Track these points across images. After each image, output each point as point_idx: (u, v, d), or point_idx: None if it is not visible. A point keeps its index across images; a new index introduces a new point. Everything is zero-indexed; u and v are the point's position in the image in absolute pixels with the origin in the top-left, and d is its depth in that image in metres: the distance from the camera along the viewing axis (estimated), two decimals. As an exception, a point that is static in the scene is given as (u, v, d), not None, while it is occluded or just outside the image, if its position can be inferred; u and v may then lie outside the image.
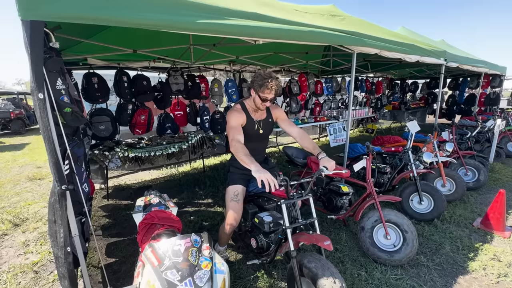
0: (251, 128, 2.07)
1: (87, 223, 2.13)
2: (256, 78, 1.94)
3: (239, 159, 1.72)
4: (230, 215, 2.03)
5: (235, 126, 1.94)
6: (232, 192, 2.07)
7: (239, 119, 1.99)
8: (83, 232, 2.02)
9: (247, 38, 2.12)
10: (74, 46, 3.26)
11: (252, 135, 2.09)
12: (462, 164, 3.75)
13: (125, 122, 3.94)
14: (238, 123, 1.97)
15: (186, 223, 2.99)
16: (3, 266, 2.37)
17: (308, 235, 1.70)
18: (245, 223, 2.26)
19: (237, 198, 2.06)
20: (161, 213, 1.83)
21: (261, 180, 1.51)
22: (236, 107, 2.08)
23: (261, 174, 1.52)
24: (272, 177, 1.53)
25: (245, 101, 2.12)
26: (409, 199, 2.97)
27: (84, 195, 1.76)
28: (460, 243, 2.51)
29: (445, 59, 4.45)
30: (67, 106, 1.53)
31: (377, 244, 2.28)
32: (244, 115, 2.04)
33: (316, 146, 2.04)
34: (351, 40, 2.82)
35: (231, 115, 2.00)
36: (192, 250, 1.21)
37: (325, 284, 1.48)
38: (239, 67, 5.24)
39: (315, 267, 1.57)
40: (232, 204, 2.04)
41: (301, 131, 2.15)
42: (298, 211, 1.85)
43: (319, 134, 7.87)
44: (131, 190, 4.09)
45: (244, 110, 2.07)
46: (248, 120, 2.05)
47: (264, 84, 1.88)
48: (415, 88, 9.16)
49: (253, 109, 2.08)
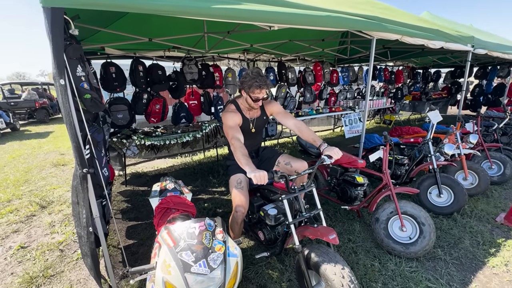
0: (245, 127, 2.09)
1: (108, 206, 2.23)
2: (245, 78, 1.94)
3: (237, 158, 1.73)
4: (237, 202, 2.02)
5: (233, 125, 1.94)
6: (235, 181, 2.08)
7: (236, 118, 2.00)
8: (104, 214, 2.12)
9: (262, 23, 2.07)
10: (92, 36, 3.33)
11: (246, 133, 2.10)
12: (487, 157, 3.56)
13: (140, 111, 4.03)
14: (235, 122, 1.98)
15: (200, 209, 3.06)
16: (32, 244, 2.54)
17: (313, 228, 1.65)
18: (252, 215, 2.27)
19: (240, 185, 2.06)
20: (176, 198, 1.88)
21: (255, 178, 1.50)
22: (230, 107, 2.08)
23: (255, 173, 1.50)
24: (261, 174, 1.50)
25: (238, 101, 2.11)
26: (427, 191, 2.87)
27: (104, 179, 1.84)
28: (481, 238, 2.42)
29: (473, 45, 4.16)
30: (87, 93, 1.58)
31: (392, 236, 2.23)
32: (239, 115, 2.04)
33: (316, 137, 1.97)
34: (371, 25, 2.68)
35: (227, 116, 1.99)
36: (206, 233, 1.24)
37: (333, 279, 1.43)
38: (253, 56, 5.17)
39: (322, 260, 1.52)
40: (237, 191, 2.03)
41: (299, 122, 2.08)
42: (301, 204, 1.80)
43: (334, 124, 7.71)
44: (147, 177, 4.22)
45: (238, 109, 2.07)
46: (244, 120, 2.07)
47: (253, 84, 1.88)
48: (437, 77, 8.70)
49: (246, 108, 2.09)
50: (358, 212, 2.83)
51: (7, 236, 2.68)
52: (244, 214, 2.03)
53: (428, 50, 5.01)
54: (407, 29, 3.04)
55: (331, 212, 2.90)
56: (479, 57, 5.69)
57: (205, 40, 3.40)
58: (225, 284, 1.17)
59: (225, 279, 1.16)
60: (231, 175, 2.15)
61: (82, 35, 3.26)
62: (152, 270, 1.18)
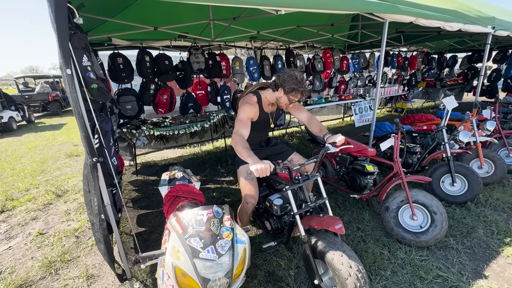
0: (263, 121, 2.07)
1: (118, 194, 2.28)
2: (290, 79, 1.85)
3: (238, 152, 1.71)
4: (247, 192, 2.02)
5: (244, 120, 1.91)
6: (244, 171, 2.06)
7: (251, 113, 1.95)
8: (115, 202, 2.17)
9: (268, 7, 2.00)
10: (99, 27, 3.33)
11: (263, 127, 2.11)
12: (505, 144, 3.41)
13: (148, 101, 4.05)
14: (248, 117, 1.93)
15: (208, 198, 3.10)
16: (49, 230, 2.65)
17: (319, 218, 1.63)
18: (258, 205, 2.28)
19: (250, 176, 2.05)
20: (185, 187, 1.90)
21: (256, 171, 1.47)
22: (251, 99, 2.01)
23: (257, 166, 1.47)
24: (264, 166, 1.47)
25: (262, 94, 2.05)
26: (440, 180, 2.79)
27: (114, 168, 1.87)
28: (496, 227, 2.35)
29: (493, 27, 3.92)
30: (94, 82, 1.58)
31: (402, 225, 2.20)
32: (257, 109, 2.00)
33: (323, 128, 2.02)
34: (383, 7, 2.55)
35: (244, 107, 1.94)
36: (214, 221, 1.24)
37: (340, 269, 1.43)
38: (260, 43, 5.07)
39: (329, 249, 1.51)
40: (246, 182, 2.03)
41: (310, 115, 2.14)
42: (306, 194, 1.78)
43: (344, 113, 7.56)
44: (157, 167, 4.29)
45: (259, 103, 2.02)
46: (261, 114, 2.03)
47: (298, 89, 1.85)
48: (453, 62, 8.30)
49: (268, 104, 2.05)
50: (368, 201, 2.79)
51: (27, 223, 2.80)
52: (254, 205, 2.03)
53: (445, 33, 4.76)
54: (422, 10, 2.89)
55: (339, 201, 2.88)
56: (500, 39, 5.38)
57: (211, 27, 3.34)
58: (233, 270, 1.18)
59: (233, 265, 1.18)
60: (239, 165, 2.12)
61: (89, 25, 3.26)
62: (162, 255, 1.21)
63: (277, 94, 1.95)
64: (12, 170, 4.46)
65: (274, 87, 1.96)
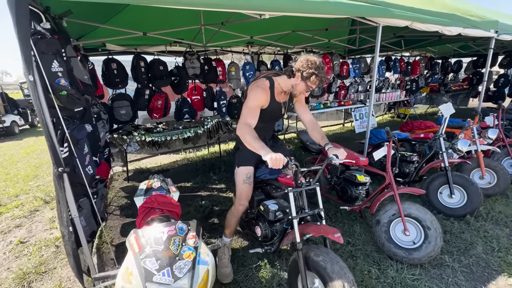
0: (272, 111, 1.90)
1: (100, 203, 2.21)
2: (309, 64, 1.68)
3: (247, 143, 1.61)
4: (242, 196, 1.95)
5: (253, 107, 1.74)
6: (244, 174, 1.95)
7: (261, 100, 1.78)
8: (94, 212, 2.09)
9: (251, 12, 1.94)
10: (92, 32, 3.32)
11: (273, 116, 1.95)
12: (509, 153, 3.24)
13: (142, 106, 4.03)
14: (258, 104, 1.77)
15: (196, 207, 3.01)
16: (31, 239, 2.60)
17: (316, 226, 1.61)
18: (251, 210, 2.20)
19: (249, 180, 1.96)
20: (161, 198, 1.82)
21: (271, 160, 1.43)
22: (263, 83, 1.82)
23: (271, 155, 1.43)
24: (279, 157, 1.44)
25: (275, 80, 1.86)
26: (438, 191, 2.65)
27: (88, 177, 1.80)
28: (496, 243, 2.19)
29: (496, 31, 3.78)
30: (63, 89, 1.53)
31: (393, 240, 2.07)
32: (268, 96, 1.82)
33: (324, 137, 1.93)
34: (375, 11, 2.46)
35: (255, 92, 1.76)
36: (175, 239, 1.15)
37: (333, 279, 1.37)
38: (257, 49, 5.02)
39: (323, 260, 1.47)
40: (244, 186, 1.95)
41: (314, 119, 2.04)
42: (305, 201, 1.75)
43: (344, 119, 7.42)
44: (150, 173, 4.21)
45: (271, 90, 1.83)
46: (271, 102, 1.85)
47: (318, 75, 1.68)
48: (458, 67, 8.11)
49: (281, 91, 1.88)
50: (361, 213, 2.66)
51: (10, 231, 2.76)
52: (245, 209, 1.99)
53: (446, 37, 4.63)
54: (418, 14, 2.78)
55: (331, 212, 2.75)
56: (506, 44, 5.21)
57: (202, 32, 3.29)
58: (194, 294, 1.09)
59: (193, 288, 1.08)
60: (239, 166, 1.96)
61: (82, 31, 3.26)
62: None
63: (293, 81, 1.76)
64: (6, 175, 4.46)
65: (291, 73, 1.76)
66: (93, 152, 2.08)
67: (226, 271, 1.98)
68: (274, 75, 1.93)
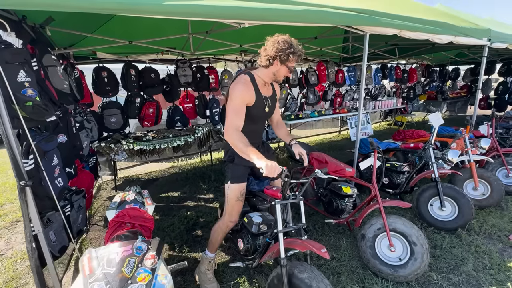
0: (259, 107, 1.74)
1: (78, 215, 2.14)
2: (283, 46, 1.58)
3: (239, 150, 1.53)
4: (234, 213, 1.87)
5: (238, 106, 1.61)
6: (238, 191, 1.82)
7: (247, 96, 1.65)
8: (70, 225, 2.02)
9: (229, 20, 1.91)
10: (82, 40, 3.32)
11: (259, 115, 1.78)
12: (503, 163, 3.15)
13: (133, 115, 4.01)
14: (243, 100, 1.63)
15: (181, 218, 2.93)
16: (8, 252, 2.52)
17: (301, 241, 1.56)
18: None
19: (242, 197, 1.87)
20: (134, 211, 1.75)
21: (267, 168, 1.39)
22: (243, 78, 1.69)
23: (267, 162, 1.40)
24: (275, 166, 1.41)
25: (254, 73, 1.74)
26: (428, 203, 2.56)
27: (57, 190, 1.74)
28: (488, 260, 2.09)
29: (489, 39, 3.74)
30: (29, 100, 1.48)
31: (379, 256, 1.97)
32: (253, 91, 1.68)
33: (288, 133, 2.04)
34: (361, 19, 2.43)
35: (238, 89, 1.63)
36: (130, 260, 1.08)
37: None
38: (251, 57, 5.01)
39: (308, 278, 1.43)
40: (237, 203, 1.85)
41: (280, 119, 2.10)
42: (289, 214, 1.70)
43: (340, 127, 7.36)
44: (140, 182, 4.17)
45: (253, 83, 1.70)
46: (257, 97, 1.70)
47: (294, 51, 1.59)
48: (456, 75, 8.07)
49: (262, 84, 1.75)
50: (349, 225, 2.57)
51: (-11, 242, 2.69)
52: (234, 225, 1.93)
53: (440, 45, 4.60)
54: (406, 22, 2.75)
55: (318, 225, 2.66)
56: (502, 52, 5.17)
57: (190, 41, 3.28)
58: (148, 320, 1.01)
59: (147, 315, 1.01)
60: (233, 183, 1.81)
61: (71, 39, 3.26)
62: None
63: (273, 68, 1.65)
64: (-5, 183, 4.42)
65: (267, 63, 1.64)
66: (67, 163, 2.03)
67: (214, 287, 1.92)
68: (251, 69, 1.82)
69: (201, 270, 1.97)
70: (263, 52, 1.66)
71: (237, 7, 1.74)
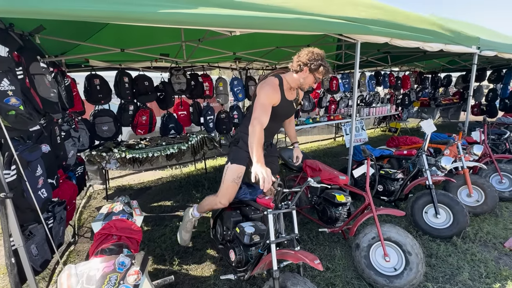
0: (283, 109, 1.92)
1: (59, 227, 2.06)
2: (315, 57, 1.77)
3: (250, 142, 1.63)
4: (226, 195, 1.95)
5: (266, 104, 1.76)
6: (236, 173, 1.92)
7: (272, 98, 1.81)
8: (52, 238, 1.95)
9: (220, 28, 1.90)
10: (75, 48, 3.30)
11: (280, 115, 1.95)
12: (496, 169, 3.16)
13: (126, 122, 3.96)
14: (270, 101, 1.80)
15: (173, 228, 2.86)
16: (-10, 266, 2.42)
17: (294, 252, 1.53)
18: (227, 232, 2.08)
19: (239, 180, 1.94)
20: (121, 223, 1.69)
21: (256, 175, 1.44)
22: (273, 81, 1.85)
23: (258, 171, 1.44)
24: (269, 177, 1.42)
25: (284, 77, 1.90)
26: (423, 211, 2.53)
27: (40, 202, 1.68)
28: (484, 268, 2.06)
29: (478, 47, 3.81)
30: (12, 109, 1.44)
31: (374, 266, 1.93)
32: (279, 94, 1.85)
33: (295, 135, 2.29)
34: (352, 28, 2.45)
35: (266, 90, 1.79)
36: (111, 277, 1.03)
37: None
38: (245, 64, 5.03)
39: None
40: (232, 185, 1.93)
41: (293, 118, 2.31)
42: (282, 224, 1.68)
43: (335, 133, 7.38)
44: (131, 191, 4.09)
45: (280, 87, 1.87)
46: (282, 100, 1.87)
47: (325, 65, 1.78)
48: (448, 82, 8.22)
49: (288, 88, 1.92)
50: (344, 234, 2.53)
51: (-29, 256, 2.58)
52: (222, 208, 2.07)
53: (432, 53, 4.68)
54: (396, 30, 2.78)
55: (313, 234, 2.61)
56: (491, 59, 5.27)
57: (183, 49, 3.28)
58: None
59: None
60: (233, 163, 1.93)
61: (63, 47, 3.24)
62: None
63: (301, 75, 1.81)
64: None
65: (298, 68, 1.81)
66: (49, 174, 1.97)
67: (186, 236, 2.28)
68: (281, 73, 1.96)
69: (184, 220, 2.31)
70: (296, 58, 1.83)
71: (228, 15, 1.74)
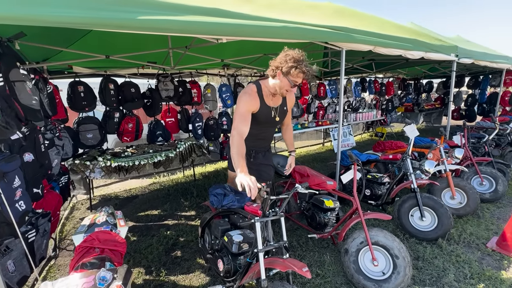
0: (265, 115, 1.88)
1: (42, 240, 1.97)
2: (286, 59, 1.65)
3: (231, 153, 1.61)
4: None
5: (243, 113, 1.75)
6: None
7: (251, 105, 1.80)
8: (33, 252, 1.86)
9: (206, 36, 1.91)
10: (58, 54, 3.21)
11: (267, 122, 1.92)
12: (477, 172, 3.28)
13: (112, 130, 3.86)
14: (248, 109, 1.78)
15: (160, 238, 2.78)
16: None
17: (282, 260, 1.51)
18: (215, 241, 2.04)
19: None
20: (104, 235, 1.63)
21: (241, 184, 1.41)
22: (250, 89, 1.85)
23: (243, 180, 1.40)
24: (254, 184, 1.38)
25: (262, 83, 1.88)
26: (409, 214, 2.59)
27: (18, 215, 1.60)
28: (468, 269, 2.11)
29: (457, 55, 3.99)
30: (-13, 118, 1.38)
31: (362, 271, 1.94)
32: (257, 101, 1.83)
33: (292, 143, 2.26)
34: (337, 36, 2.52)
35: (243, 98, 1.79)
36: (91, 292, 0.98)
37: None
38: (233, 71, 5.05)
39: None
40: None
41: (290, 125, 2.25)
42: (270, 232, 1.67)
43: (323, 139, 7.48)
44: (117, 200, 3.97)
45: (259, 93, 1.84)
46: (262, 107, 1.85)
47: (298, 66, 1.62)
48: (429, 88, 8.55)
49: (269, 94, 1.87)
50: (333, 239, 2.54)
51: None
52: None
53: (413, 61, 4.86)
54: (380, 39, 2.88)
55: (302, 240, 2.60)
56: (469, 66, 5.54)
57: (171, 56, 3.26)
58: None
59: None
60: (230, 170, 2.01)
61: (46, 54, 3.15)
62: None
63: (277, 79, 1.74)
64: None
65: (272, 73, 1.76)
66: (34, 183, 1.89)
67: None
68: (261, 79, 1.94)
69: None
70: (271, 62, 1.78)
71: (214, 23, 1.75)
